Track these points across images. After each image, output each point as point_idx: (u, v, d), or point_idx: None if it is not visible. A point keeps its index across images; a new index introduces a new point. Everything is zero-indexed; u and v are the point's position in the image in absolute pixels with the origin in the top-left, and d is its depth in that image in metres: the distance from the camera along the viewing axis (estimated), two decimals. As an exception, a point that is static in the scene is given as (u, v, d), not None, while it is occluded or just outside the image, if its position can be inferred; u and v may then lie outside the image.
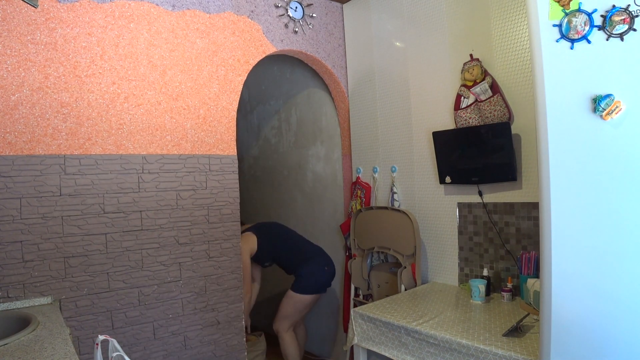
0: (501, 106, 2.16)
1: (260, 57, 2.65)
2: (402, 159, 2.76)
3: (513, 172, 2.11)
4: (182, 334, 2.32)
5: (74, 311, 2.00)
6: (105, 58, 2.10)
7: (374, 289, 2.77)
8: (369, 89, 2.95)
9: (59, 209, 1.97)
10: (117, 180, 2.13)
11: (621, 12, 1.17)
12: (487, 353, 1.56)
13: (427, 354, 1.77)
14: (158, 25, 2.25)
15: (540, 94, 1.31)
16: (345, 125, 3.15)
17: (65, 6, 1.99)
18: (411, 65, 2.67)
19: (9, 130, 1.86)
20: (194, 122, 2.37)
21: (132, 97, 2.17)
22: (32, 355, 1.29)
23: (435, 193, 2.56)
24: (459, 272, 2.44)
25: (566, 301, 1.28)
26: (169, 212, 2.28)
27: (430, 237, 2.59)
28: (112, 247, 2.11)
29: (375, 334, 2.00)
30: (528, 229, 2.12)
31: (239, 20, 2.55)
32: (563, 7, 1.27)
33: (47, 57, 1.94)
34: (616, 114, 1.19)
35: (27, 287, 1.89)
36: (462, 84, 2.34)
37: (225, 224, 2.48)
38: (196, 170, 2.38)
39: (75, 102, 2.02)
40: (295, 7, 2.81)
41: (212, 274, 2.43)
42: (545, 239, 1.31)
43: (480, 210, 2.32)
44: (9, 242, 1.86)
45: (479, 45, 2.30)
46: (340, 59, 3.08)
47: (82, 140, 2.04)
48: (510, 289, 2.11)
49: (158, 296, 2.24)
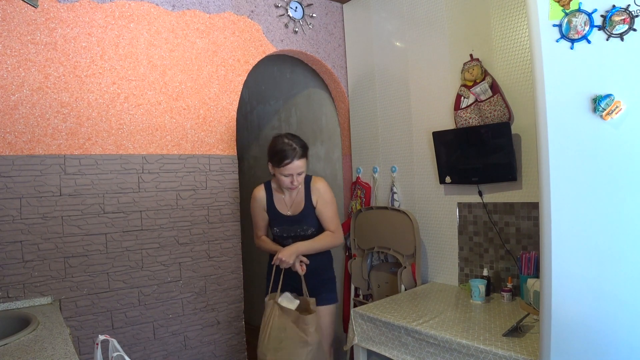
0: (501, 106, 2.16)
1: (260, 57, 2.65)
2: (402, 159, 2.76)
3: (513, 172, 2.11)
4: (182, 334, 2.32)
5: (74, 311, 2.00)
6: (105, 58, 2.10)
7: (374, 289, 2.76)
8: (369, 89, 2.95)
9: (59, 209, 1.97)
10: (117, 180, 2.13)
11: (621, 12, 1.17)
12: (487, 353, 1.56)
13: (427, 354, 1.77)
14: (158, 25, 2.25)
15: (540, 94, 1.31)
16: (345, 125, 3.15)
17: (65, 6, 1.99)
18: (411, 65, 2.67)
19: (9, 130, 1.86)
20: (194, 122, 2.37)
21: (132, 97, 2.17)
22: (32, 355, 1.29)
23: (435, 193, 2.56)
24: (459, 272, 2.44)
25: (566, 301, 1.28)
26: (169, 212, 2.28)
27: (430, 237, 2.59)
28: (112, 247, 2.11)
29: (375, 334, 2.00)
30: (528, 229, 2.12)
31: (239, 20, 2.55)
32: (563, 7, 1.27)
33: (47, 57, 1.94)
34: (616, 114, 1.19)
35: (27, 287, 1.89)
36: (462, 84, 2.34)
37: (225, 224, 2.48)
38: (196, 170, 2.38)
39: (75, 102, 2.02)
40: (295, 7, 2.81)
41: (212, 274, 2.43)
42: (545, 239, 1.31)
43: (480, 210, 2.32)
44: (9, 242, 1.86)
45: (479, 45, 2.30)
46: (340, 59, 3.08)
47: (82, 140, 2.04)
48: (510, 289, 2.11)
49: (158, 296, 2.24)
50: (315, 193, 2.14)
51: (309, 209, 2.14)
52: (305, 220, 2.14)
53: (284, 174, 2.00)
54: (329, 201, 2.16)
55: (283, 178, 2.02)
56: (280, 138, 2.03)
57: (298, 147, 1.99)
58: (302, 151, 2.00)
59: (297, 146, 1.99)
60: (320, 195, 2.14)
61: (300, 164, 2.00)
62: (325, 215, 2.15)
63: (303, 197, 2.14)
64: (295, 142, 2.00)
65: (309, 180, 2.16)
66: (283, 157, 1.97)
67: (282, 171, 1.99)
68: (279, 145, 2.00)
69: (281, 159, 1.97)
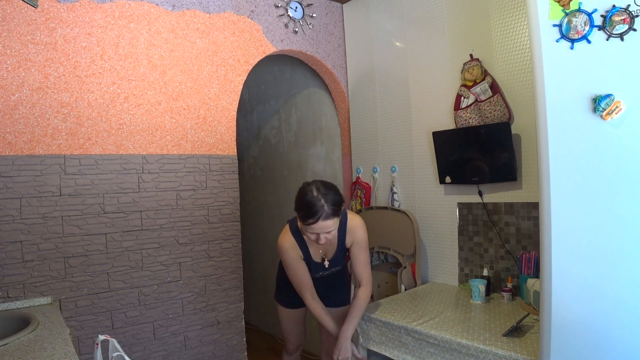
0: (501, 106, 2.16)
1: (260, 57, 2.65)
2: (402, 159, 2.76)
3: (513, 172, 2.11)
4: (182, 334, 2.32)
5: (74, 311, 2.00)
6: (105, 58, 2.10)
7: (374, 289, 2.76)
8: (369, 89, 2.95)
9: (59, 209, 1.97)
10: (117, 180, 2.13)
11: (621, 12, 1.17)
12: (487, 353, 1.56)
13: (427, 354, 1.77)
14: (158, 25, 2.25)
15: (540, 94, 1.31)
16: (345, 125, 3.15)
17: (65, 6, 1.99)
18: (411, 65, 2.67)
19: (9, 130, 1.86)
20: (194, 122, 2.37)
21: (132, 97, 2.17)
22: (32, 355, 1.29)
23: (435, 193, 2.56)
24: (459, 272, 2.44)
25: (566, 301, 1.28)
26: (169, 212, 2.28)
27: (430, 237, 2.59)
28: (112, 247, 2.11)
29: (375, 334, 2.00)
30: (528, 229, 2.12)
31: (239, 20, 2.55)
32: (563, 7, 1.27)
33: (47, 57, 1.94)
34: (616, 114, 1.19)
35: (27, 287, 1.89)
36: (462, 84, 2.34)
37: (225, 224, 2.48)
38: (196, 170, 2.38)
39: (75, 102, 2.02)
40: (295, 7, 2.81)
41: (212, 274, 2.43)
42: (545, 239, 1.31)
43: (480, 210, 2.32)
44: (9, 242, 1.86)
45: (479, 45, 2.30)
46: (340, 59, 3.08)
47: (82, 140, 2.04)
48: (510, 289, 2.11)
49: (158, 296, 2.24)
50: (351, 235, 1.91)
51: (341, 252, 1.94)
52: (337, 263, 1.98)
53: (308, 231, 1.73)
54: (364, 245, 1.94)
55: (309, 234, 1.75)
56: (309, 187, 1.72)
57: (328, 204, 1.66)
58: (332, 210, 1.67)
59: (327, 203, 1.66)
60: (356, 239, 1.92)
61: (330, 224, 1.68)
62: (359, 261, 1.93)
63: (337, 240, 1.91)
64: (326, 198, 1.67)
65: (345, 218, 1.90)
66: (307, 214, 1.67)
67: (306, 229, 1.73)
68: (306, 197, 1.69)
69: (305, 216, 1.68)
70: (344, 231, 1.91)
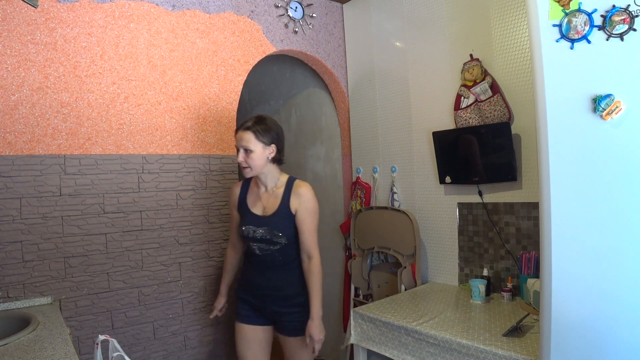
0: (501, 106, 2.16)
1: (260, 57, 2.65)
2: (402, 159, 2.76)
3: (513, 172, 2.11)
4: (182, 334, 2.32)
5: (74, 311, 2.00)
6: (105, 58, 2.10)
7: (374, 289, 2.76)
8: (369, 89, 2.95)
9: (59, 209, 1.97)
10: (117, 180, 2.13)
11: (621, 12, 1.17)
12: (487, 353, 1.56)
13: (427, 354, 1.77)
14: (158, 25, 2.25)
15: (540, 94, 1.31)
16: (345, 125, 3.15)
17: (65, 6, 1.99)
18: (411, 65, 2.67)
19: (9, 130, 1.86)
20: (194, 122, 2.37)
21: (132, 97, 2.17)
22: (32, 355, 1.29)
23: (435, 193, 2.56)
24: (459, 272, 2.44)
25: (566, 301, 1.28)
26: (169, 212, 2.28)
27: (430, 237, 2.59)
28: (112, 247, 2.11)
29: (375, 334, 2.00)
30: (528, 229, 2.12)
31: (239, 20, 2.55)
32: (563, 7, 1.27)
33: (47, 57, 1.94)
34: (616, 114, 1.19)
35: (27, 287, 1.89)
36: (462, 84, 2.34)
37: (225, 224, 2.48)
38: (196, 170, 2.38)
39: (75, 102, 2.02)
40: (295, 7, 2.81)
41: (212, 274, 2.43)
42: (545, 239, 1.31)
43: (480, 210, 2.32)
44: (9, 242, 1.86)
45: (479, 45, 2.30)
46: (340, 59, 3.08)
47: (82, 140, 2.04)
48: (510, 289, 2.11)
49: (158, 296, 2.24)
50: (296, 198, 1.85)
51: (283, 212, 1.84)
52: (277, 226, 1.84)
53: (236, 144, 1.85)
54: (312, 211, 1.87)
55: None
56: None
57: (252, 122, 1.82)
58: (252, 126, 1.81)
59: (252, 121, 1.82)
60: (302, 202, 1.85)
61: (245, 136, 1.79)
62: (305, 226, 1.85)
63: (280, 198, 1.87)
64: (257, 119, 1.84)
65: (292, 182, 1.90)
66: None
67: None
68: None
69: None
70: (289, 191, 1.87)
